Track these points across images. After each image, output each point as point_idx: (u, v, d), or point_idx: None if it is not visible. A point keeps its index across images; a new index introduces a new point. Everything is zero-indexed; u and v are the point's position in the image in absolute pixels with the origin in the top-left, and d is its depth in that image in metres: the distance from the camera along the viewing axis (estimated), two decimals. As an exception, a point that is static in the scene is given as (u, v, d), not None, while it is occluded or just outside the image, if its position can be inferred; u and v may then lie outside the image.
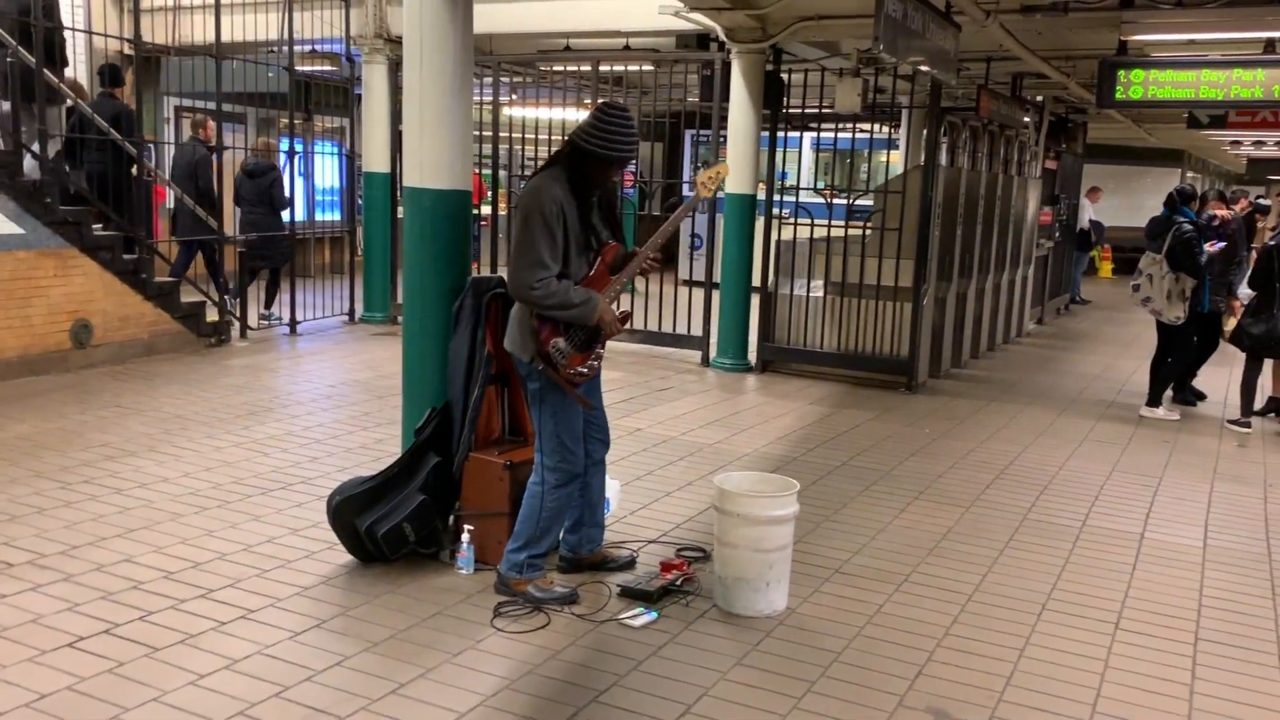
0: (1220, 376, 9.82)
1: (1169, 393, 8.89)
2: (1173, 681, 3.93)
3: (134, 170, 9.08)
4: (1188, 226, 8.27)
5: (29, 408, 7.05)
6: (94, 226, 8.44)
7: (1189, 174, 23.80)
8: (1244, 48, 8.35)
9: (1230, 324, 8.85)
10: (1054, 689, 3.82)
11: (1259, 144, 18.44)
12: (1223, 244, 9.04)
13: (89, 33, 11.22)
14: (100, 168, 8.83)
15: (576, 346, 4.16)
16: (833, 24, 9.05)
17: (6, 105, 8.20)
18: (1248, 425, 8.15)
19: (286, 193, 10.64)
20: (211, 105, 10.03)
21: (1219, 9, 7.48)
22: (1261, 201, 15.15)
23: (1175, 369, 8.66)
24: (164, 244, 10.17)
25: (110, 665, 3.64)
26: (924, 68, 7.55)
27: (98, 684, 3.51)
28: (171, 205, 10.72)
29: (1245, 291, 8.55)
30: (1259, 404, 8.46)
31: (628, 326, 4.50)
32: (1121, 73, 7.99)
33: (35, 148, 8.05)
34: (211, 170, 9.99)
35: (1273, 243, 8.14)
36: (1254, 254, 8.64)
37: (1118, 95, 8.04)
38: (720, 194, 9.96)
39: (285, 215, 10.65)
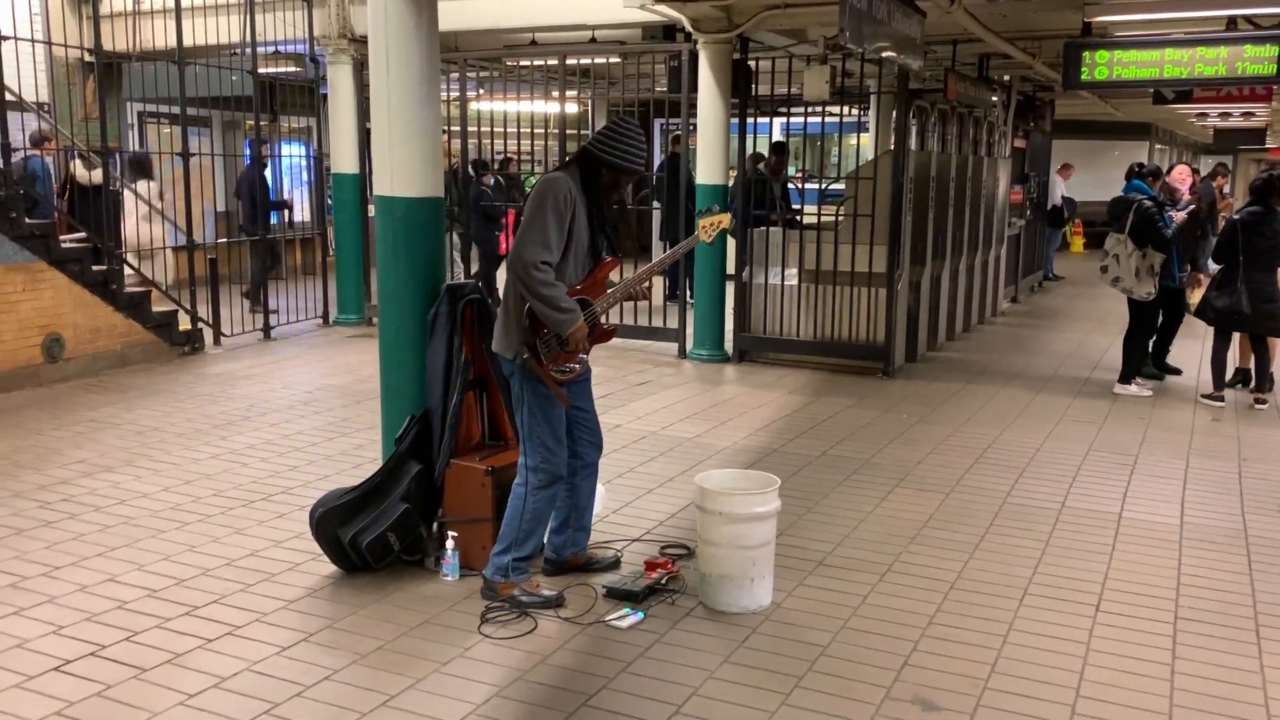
0: (1192, 351, 9.91)
1: (1155, 368, 8.97)
2: (1154, 662, 3.98)
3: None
4: (1147, 201, 8.34)
5: (3, 425, 6.99)
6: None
7: (1157, 146, 23.99)
8: (1206, 25, 8.41)
9: (1194, 297, 8.93)
10: (1038, 674, 3.86)
11: (1225, 115, 18.60)
12: (1187, 211, 9.10)
13: (49, 43, 11.08)
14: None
15: (561, 345, 4.19)
16: (799, 12, 9.05)
17: None
18: (1221, 399, 8.25)
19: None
20: (176, 110, 9.97)
21: (1180, -13, 7.56)
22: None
23: (1141, 344, 8.73)
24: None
25: (98, 688, 3.63)
26: (890, 54, 7.57)
27: (86, 708, 3.50)
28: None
29: (1212, 266, 8.62)
30: (1228, 375, 8.54)
31: (613, 341, 4.54)
32: (1086, 54, 8.07)
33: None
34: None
35: (1237, 216, 8.23)
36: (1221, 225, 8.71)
37: (1084, 76, 8.13)
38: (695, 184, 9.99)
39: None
